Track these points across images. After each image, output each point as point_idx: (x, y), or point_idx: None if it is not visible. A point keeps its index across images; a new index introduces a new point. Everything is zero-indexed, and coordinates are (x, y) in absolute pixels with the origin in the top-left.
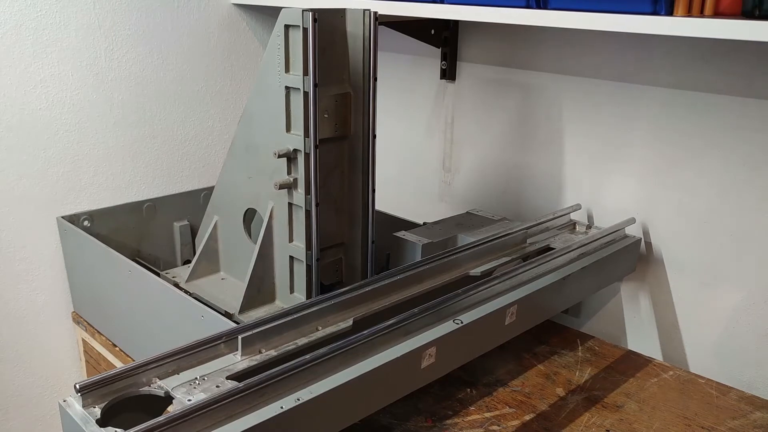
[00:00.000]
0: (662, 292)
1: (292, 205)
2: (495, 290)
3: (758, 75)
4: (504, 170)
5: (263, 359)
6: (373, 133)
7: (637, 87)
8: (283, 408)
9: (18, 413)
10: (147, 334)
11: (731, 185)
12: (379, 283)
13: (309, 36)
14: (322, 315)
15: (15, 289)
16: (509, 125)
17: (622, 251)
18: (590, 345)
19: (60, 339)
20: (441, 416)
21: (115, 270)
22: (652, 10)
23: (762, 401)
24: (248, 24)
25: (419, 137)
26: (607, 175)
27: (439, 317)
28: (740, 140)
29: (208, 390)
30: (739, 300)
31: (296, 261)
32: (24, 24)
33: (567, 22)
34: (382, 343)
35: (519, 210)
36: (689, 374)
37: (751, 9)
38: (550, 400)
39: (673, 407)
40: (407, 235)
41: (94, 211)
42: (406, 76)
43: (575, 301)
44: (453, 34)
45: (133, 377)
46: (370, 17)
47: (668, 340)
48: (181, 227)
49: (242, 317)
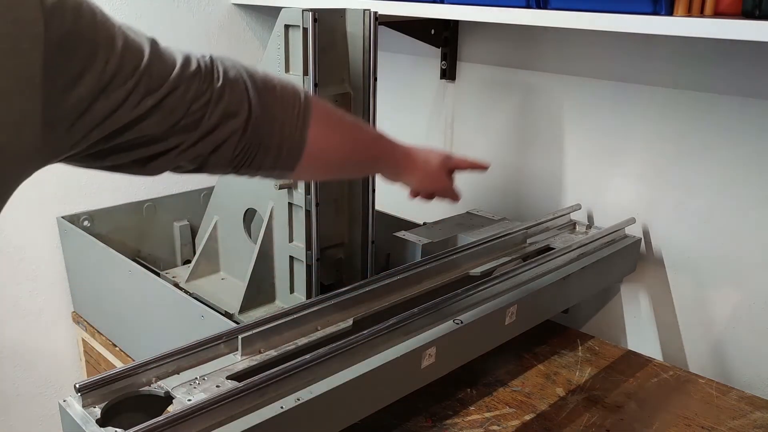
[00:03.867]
0: (662, 292)
1: (292, 205)
2: (495, 290)
3: (758, 75)
4: (504, 170)
5: (263, 359)
6: None
7: (637, 87)
8: (283, 408)
9: (18, 413)
10: (147, 334)
11: (731, 185)
12: (379, 283)
13: (309, 36)
14: (322, 315)
15: (15, 289)
16: (509, 125)
17: (622, 251)
18: (590, 345)
19: (60, 339)
20: (441, 416)
21: (115, 270)
22: (652, 10)
23: (762, 401)
24: (248, 24)
25: (419, 137)
26: (607, 175)
27: (439, 317)
28: (740, 140)
29: (208, 390)
30: (739, 300)
31: (296, 261)
32: None
33: (567, 22)
34: (382, 343)
35: (519, 210)
36: (689, 374)
37: (751, 9)
38: (550, 400)
39: (673, 407)
40: (407, 235)
41: (94, 211)
42: (406, 76)
43: (575, 301)
44: (453, 34)
45: (133, 377)
46: (370, 17)
47: (668, 340)
48: (181, 227)
49: (242, 317)
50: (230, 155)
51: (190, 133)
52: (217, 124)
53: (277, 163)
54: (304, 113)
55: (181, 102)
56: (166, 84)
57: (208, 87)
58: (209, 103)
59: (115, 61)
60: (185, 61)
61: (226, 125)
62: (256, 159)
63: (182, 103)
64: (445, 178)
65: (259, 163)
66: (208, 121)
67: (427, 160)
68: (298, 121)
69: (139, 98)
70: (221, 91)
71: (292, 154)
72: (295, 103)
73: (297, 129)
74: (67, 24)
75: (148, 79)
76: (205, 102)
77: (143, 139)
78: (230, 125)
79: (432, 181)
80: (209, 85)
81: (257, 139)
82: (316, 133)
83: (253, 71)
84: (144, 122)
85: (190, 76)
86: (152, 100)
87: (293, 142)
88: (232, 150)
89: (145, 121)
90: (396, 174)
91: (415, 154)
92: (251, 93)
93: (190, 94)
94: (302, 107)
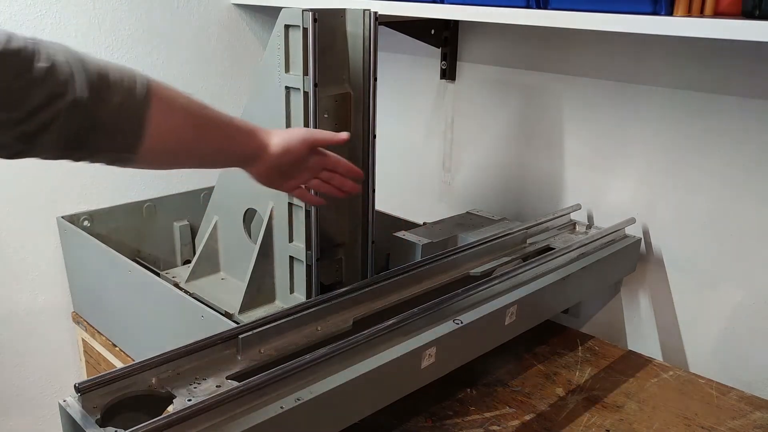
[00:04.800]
0: (662, 292)
1: (292, 205)
2: (495, 290)
3: (758, 75)
4: (504, 170)
5: (263, 359)
6: (373, 133)
7: (637, 87)
8: (283, 408)
9: (18, 413)
10: (147, 334)
11: (731, 185)
12: (379, 283)
13: (309, 36)
14: (322, 315)
15: (15, 289)
16: (509, 125)
17: (622, 251)
18: (590, 345)
19: (60, 339)
20: (441, 416)
21: (115, 270)
22: (652, 10)
23: (762, 401)
24: (248, 24)
25: (419, 137)
26: (607, 175)
27: (439, 317)
28: (740, 140)
29: (208, 390)
30: (739, 300)
31: (296, 261)
32: (24, 24)
33: (567, 22)
34: (382, 343)
35: (519, 210)
36: (689, 374)
37: (751, 9)
38: (550, 400)
39: (673, 407)
40: (407, 235)
41: (94, 211)
42: (406, 76)
43: (575, 301)
44: (453, 34)
45: (133, 377)
46: (370, 17)
47: (668, 340)
48: (181, 227)
49: (242, 317)
50: (59, 136)
51: (11, 112)
52: (43, 105)
53: (115, 143)
54: (144, 96)
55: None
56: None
57: (30, 66)
58: (32, 83)
59: None
60: (8, 37)
61: (52, 106)
62: (90, 140)
63: (2, 79)
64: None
65: (96, 144)
66: (33, 100)
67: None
68: (136, 102)
69: None
70: (46, 71)
71: (131, 134)
72: (133, 87)
73: (134, 110)
74: None
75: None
76: (29, 80)
77: None
78: (55, 105)
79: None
80: (32, 65)
81: (88, 121)
82: (157, 114)
83: (85, 57)
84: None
85: (12, 53)
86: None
87: (131, 122)
88: (60, 131)
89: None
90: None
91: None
92: (78, 76)
93: (12, 71)
94: (141, 90)
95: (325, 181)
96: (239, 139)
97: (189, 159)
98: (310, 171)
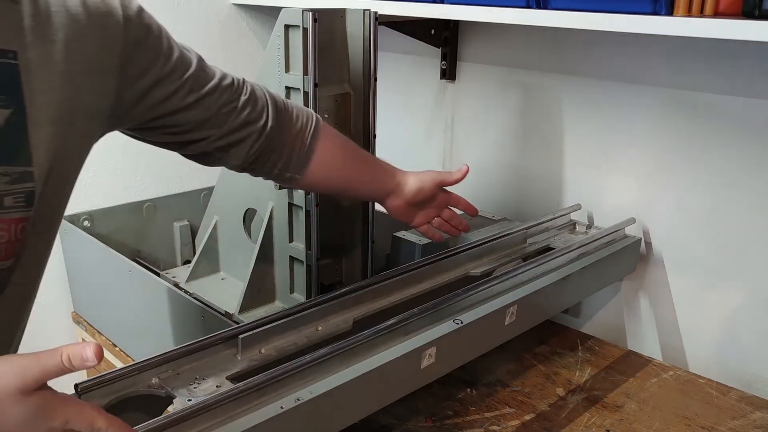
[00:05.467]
0: (662, 292)
1: (292, 205)
2: (495, 290)
3: (758, 75)
4: (504, 170)
5: (263, 359)
6: (373, 133)
7: (637, 87)
8: (283, 408)
9: None
10: (147, 334)
11: (731, 185)
12: (379, 283)
13: (309, 36)
14: (322, 315)
15: None
16: (509, 125)
17: (622, 251)
18: (590, 345)
19: (60, 339)
20: (441, 416)
21: (115, 270)
22: (652, 10)
23: (762, 401)
24: (248, 24)
25: (419, 137)
26: (607, 175)
27: (439, 317)
28: (740, 140)
29: (208, 390)
30: (739, 300)
31: (296, 261)
32: None
33: (567, 22)
34: (382, 343)
35: (519, 210)
36: (689, 374)
37: (751, 9)
38: (550, 400)
39: (673, 407)
40: (407, 235)
41: (94, 211)
42: (406, 76)
43: (575, 301)
44: (453, 34)
45: (133, 377)
46: (370, 17)
47: (668, 340)
48: (181, 227)
49: (242, 317)
50: (245, 153)
51: (218, 129)
52: (239, 127)
53: (288, 165)
54: (314, 130)
55: (214, 104)
56: (206, 88)
57: (237, 98)
58: (235, 110)
59: (170, 66)
60: (223, 75)
61: (246, 129)
62: (270, 160)
63: (215, 105)
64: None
65: (273, 164)
66: (233, 123)
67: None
68: (308, 134)
69: (185, 94)
70: (246, 102)
71: (301, 159)
72: (308, 122)
73: (307, 140)
74: (140, 34)
75: (193, 81)
76: (233, 108)
77: (184, 126)
78: (249, 129)
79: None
80: (237, 97)
81: (271, 145)
82: (323, 146)
83: (277, 96)
84: (185, 113)
85: (225, 87)
86: (193, 97)
87: (303, 149)
88: (248, 149)
89: (186, 112)
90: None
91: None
92: (270, 109)
93: (222, 99)
94: (313, 125)
95: (445, 220)
96: (382, 177)
97: (339, 185)
98: (436, 208)
